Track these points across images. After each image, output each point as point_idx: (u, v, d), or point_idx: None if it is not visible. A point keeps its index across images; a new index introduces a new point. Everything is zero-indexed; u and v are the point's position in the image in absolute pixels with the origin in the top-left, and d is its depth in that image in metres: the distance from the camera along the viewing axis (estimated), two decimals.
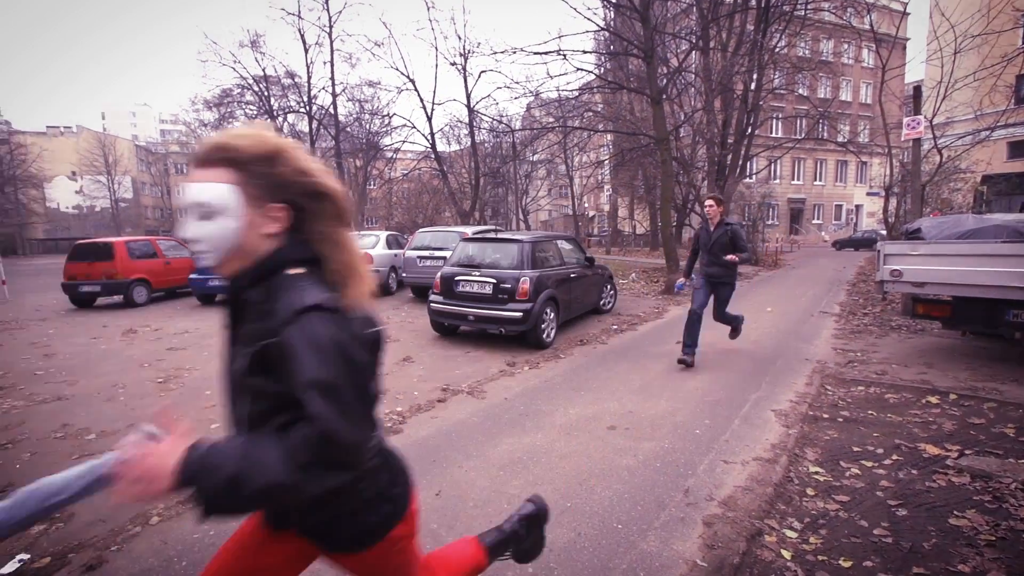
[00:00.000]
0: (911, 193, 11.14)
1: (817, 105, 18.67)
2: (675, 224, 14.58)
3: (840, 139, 19.33)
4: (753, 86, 15.49)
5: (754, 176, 23.37)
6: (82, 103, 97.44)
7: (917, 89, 12.20)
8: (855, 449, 3.36)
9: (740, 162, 16.49)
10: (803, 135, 19.22)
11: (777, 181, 32.71)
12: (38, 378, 5.44)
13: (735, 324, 5.69)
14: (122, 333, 7.83)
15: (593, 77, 13.65)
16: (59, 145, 48.33)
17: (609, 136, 22.71)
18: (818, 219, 36.60)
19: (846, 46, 21.01)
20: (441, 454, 3.40)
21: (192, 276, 10.89)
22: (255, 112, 24.71)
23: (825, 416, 4.00)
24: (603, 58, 16.44)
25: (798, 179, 35.24)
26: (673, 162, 12.50)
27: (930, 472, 2.99)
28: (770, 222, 28.37)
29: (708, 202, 5.24)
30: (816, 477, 3.02)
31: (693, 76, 16.28)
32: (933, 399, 4.24)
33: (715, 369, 5.33)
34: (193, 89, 65.93)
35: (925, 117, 10.84)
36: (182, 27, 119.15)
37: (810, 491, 2.86)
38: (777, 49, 16.09)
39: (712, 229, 5.25)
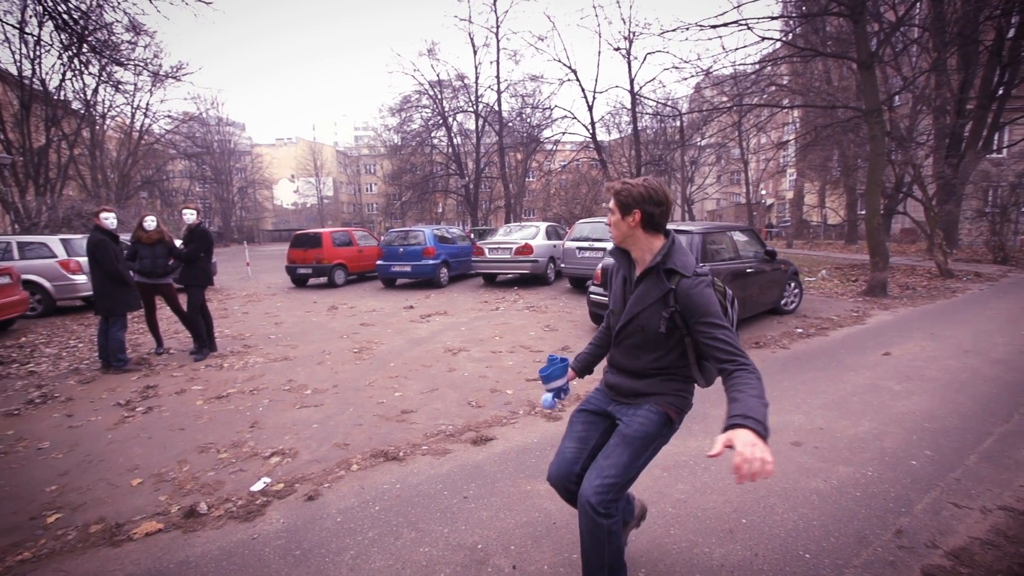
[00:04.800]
0: None
1: None
2: (883, 212, 12.19)
3: None
4: (1011, 32, 12.07)
5: (1005, 150, 18.22)
6: (300, 116, 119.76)
7: None
8: None
9: (985, 132, 13.05)
10: None
11: None
12: (271, 341, 6.81)
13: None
14: (327, 309, 9.39)
15: (779, 46, 12.03)
16: (283, 153, 59.63)
17: (796, 112, 19.92)
18: None
19: None
20: None
21: (379, 262, 12.56)
22: (430, 114, 27.36)
23: None
24: (791, 23, 14.41)
25: None
26: (885, 137, 10.39)
27: None
28: None
29: (611, 204, 1.74)
30: None
31: (918, 31, 13.32)
32: None
33: (939, 389, 4.32)
34: (381, 98, 75.43)
35: None
36: (376, 44, 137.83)
37: None
38: None
39: (635, 274, 1.79)
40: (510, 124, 26.53)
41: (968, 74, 13.06)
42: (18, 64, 17.53)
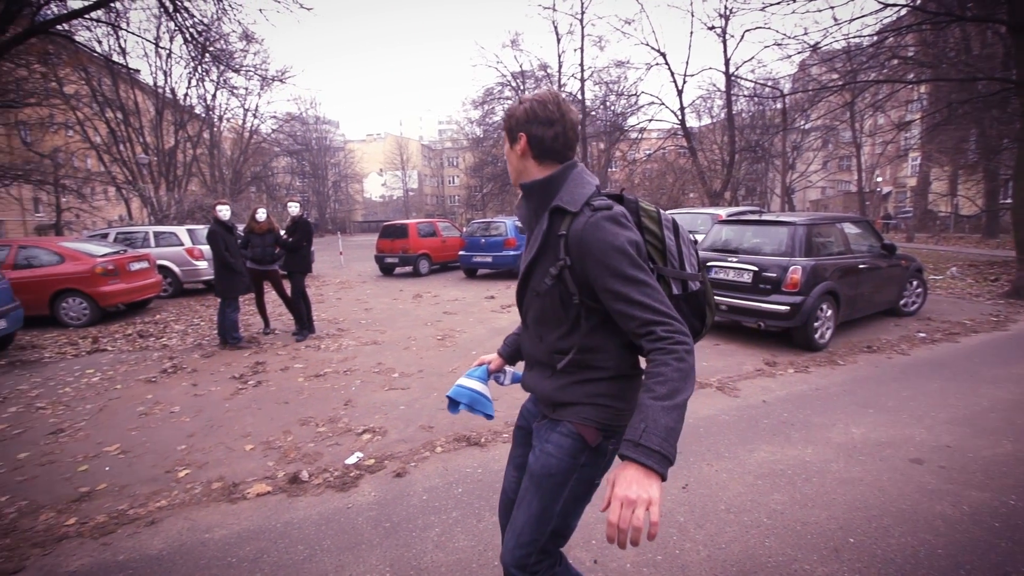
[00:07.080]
0: None
1: None
2: None
3: None
4: None
5: None
6: (387, 98, 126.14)
7: None
8: None
9: None
10: None
11: None
12: (362, 326, 7.23)
13: None
14: (412, 296, 9.81)
15: (904, 13, 10.62)
16: (372, 149, 62.71)
17: (923, 88, 17.55)
18: None
19: None
20: (686, 447, 3.19)
21: (461, 253, 12.90)
22: None
23: None
24: None
25: None
26: None
27: None
28: None
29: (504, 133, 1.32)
30: None
31: None
32: None
33: None
34: (464, 92, 76.98)
35: None
36: (460, 34, 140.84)
37: None
38: None
39: (529, 230, 1.32)
40: (593, 113, 25.96)
41: None
42: (154, 76, 20.14)
